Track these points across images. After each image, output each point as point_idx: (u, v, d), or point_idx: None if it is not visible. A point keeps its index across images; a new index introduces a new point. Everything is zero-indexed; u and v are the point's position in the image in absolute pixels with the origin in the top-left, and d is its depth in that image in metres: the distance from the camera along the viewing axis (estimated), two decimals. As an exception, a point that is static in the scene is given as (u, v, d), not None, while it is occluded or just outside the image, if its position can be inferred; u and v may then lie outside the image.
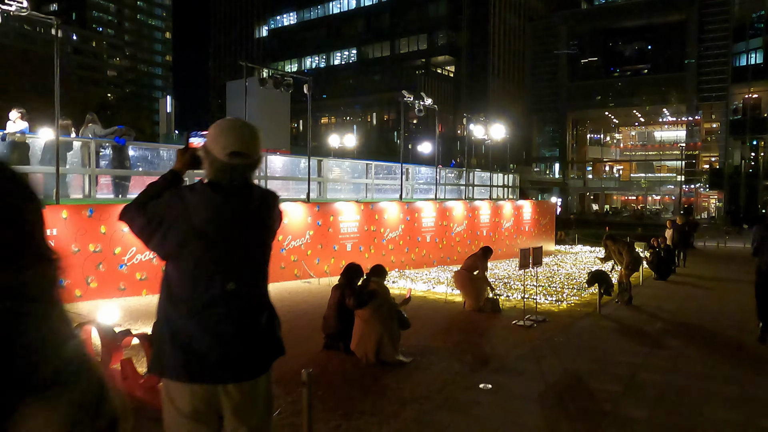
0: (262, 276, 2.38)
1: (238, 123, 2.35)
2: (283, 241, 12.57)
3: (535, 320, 8.69)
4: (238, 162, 2.23)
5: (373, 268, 6.80)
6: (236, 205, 2.24)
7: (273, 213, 2.39)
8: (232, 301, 2.22)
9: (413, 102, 17.13)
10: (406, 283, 12.41)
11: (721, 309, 10.59)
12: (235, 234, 2.24)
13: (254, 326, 2.28)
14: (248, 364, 2.26)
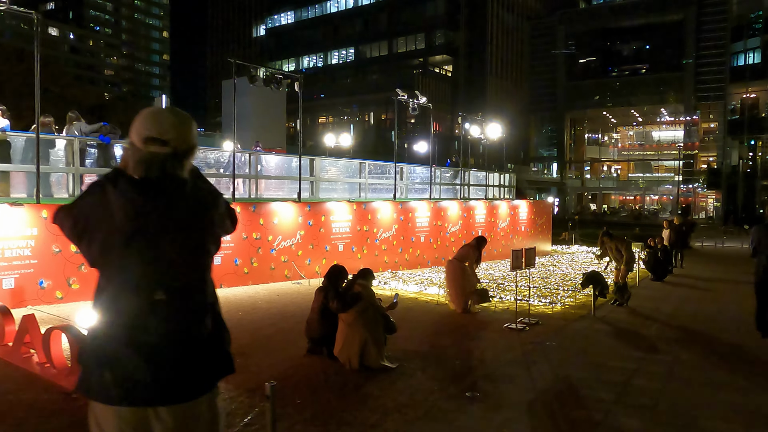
0: (199, 284, 2.08)
1: (161, 108, 2.12)
2: (273, 242, 12.34)
3: (527, 323, 8.47)
4: (155, 150, 1.98)
5: (360, 270, 6.56)
6: (162, 204, 1.98)
7: (212, 214, 2.11)
8: (161, 313, 1.96)
9: (407, 100, 16.89)
10: (398, 285, 12.18)
11: (718, 311, 10.38)
12: (162, 237, 1.97)
13: (190, 341, 2.02)
14: (182, 385, 1.99)
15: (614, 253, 10.74)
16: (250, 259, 11.90)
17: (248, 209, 11.89)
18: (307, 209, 13.17)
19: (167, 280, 1.98)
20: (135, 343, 1.92)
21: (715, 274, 16.76)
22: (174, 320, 1.98)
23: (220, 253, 11.39)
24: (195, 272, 2.06)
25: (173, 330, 1.98)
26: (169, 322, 1.97)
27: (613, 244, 10.77)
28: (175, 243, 1.99)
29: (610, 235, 11.03)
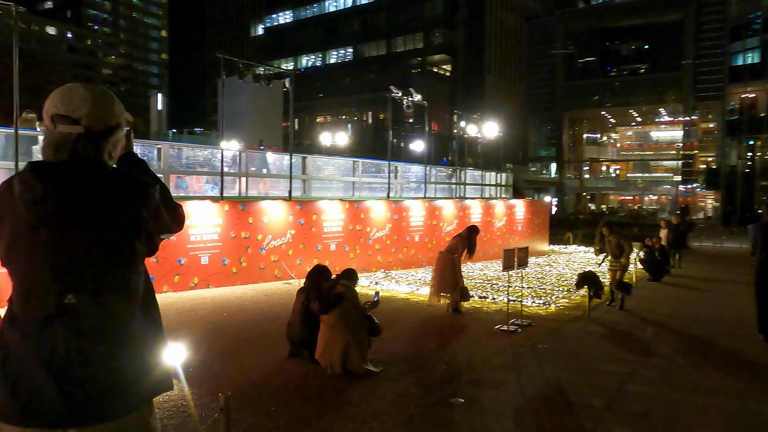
0: (120, 287, 1.80)
1: (75, 83, 1.85)
2: (263, 241, 12.10)
3: (519, 325, 8.23)
4: (63, 129, 1.75)
5: (343, 270, 6.31)
6: (66, 191, 1.72)
7: (138, 207, 1.83)
8: (72, 320, 1.70)
9: (402, 98, 16.66)
10: (390, 285, 11.94)
11: (716, 313, 10.14)
12: (69, 231, 1.72)
13: (107, 353, 1.75)
14: (98, 404, 1.72)
15: (613, 248, 10.14)
16: (239, 258, 11.65)
17: (237, 208, 11.65)
18: (298, 208, 12.92)
19: (78, 281, 1.72)
20: (41, 354, 1.67)
21: (713, 274, 16.54)
22: (87, 328, 1.72)
23: (208, 252, 11.17)
24: (112, 273, 1.78)
25: (86, 339, 1.72)
26: (81, 330, 1.71)
27: (614, 237, 10.18)
28: (85, 238, 1.73)
29: (610, 227, 10.38)
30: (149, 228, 1.87)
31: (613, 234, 10.19)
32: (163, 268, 10.39)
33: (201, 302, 9.57)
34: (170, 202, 1.99)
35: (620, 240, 10.14)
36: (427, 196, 18.20)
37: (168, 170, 11.81)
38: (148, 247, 1.91)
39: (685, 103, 63.42)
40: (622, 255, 10.05)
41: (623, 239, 10.17)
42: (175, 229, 2.03)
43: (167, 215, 1.96)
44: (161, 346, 1.92)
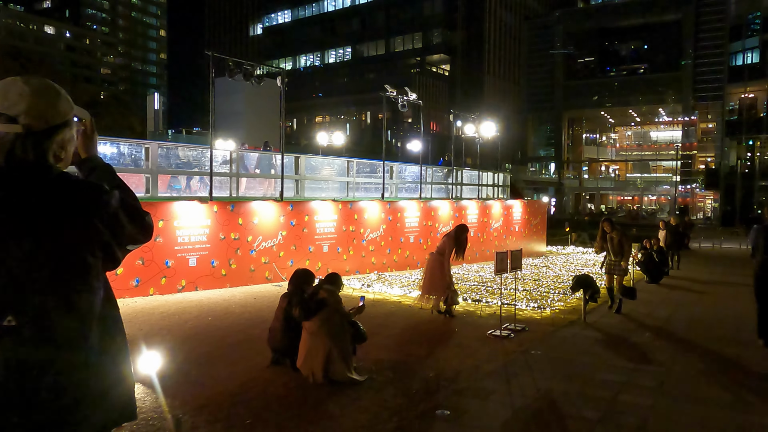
0: (69, 305, 1.57)
1: (13, 78, 1.63)
2: (253, 242, 11.86)
3: (513, 329, 7.99)
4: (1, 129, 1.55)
5: (327, 275, 6.07)
6: (4, 201, 1.51)
7: (90, 215, 1.61)
8: (12, 345, 1.49)
9: (397, 97, 16.43)
10: (382, 287, 11.69)
11: (715, 316, 9.91)
12: (8, 245, 1.51)
13: (56, 382, 1.53)
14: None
15: (615, 245, 9.57)
16: (228, 260, 11.41)
17: (226, 209, 11.41)
18: (290, 209, 12.68)
19: (18, 301, 1.50)
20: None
21: (712, 276, 16.31)
22: (30, 354, 1.50)
23: (196, 254, 10.94)
24: (59, 291, 1.56)
25: (29, 367, 1.50)
26: (23, 356, 1.49)
27: (616, 234, 9.58)
28: (24, 251, 1.52)
29: (612, 223, 9.82)
30: (105, 239, 1.64)
31: (615, 231, 9.67)
32: (150, 271, 10.15)
33: (187, 305, 9.33)
34: (133, 210, 1.76)
35: (622, 238, 9.60)
36: (423, 197, 17.97)
37: (156, 170, 11.58)
38: (107, 259, 1.68)
39: (685, 103, 63.24)
40: (623, 254, 9.53)
41: (625, 238, 9.63)
42: (141, 239, 1.80)
43: (130, 224, 1.73)
44: (123, 371, 1.70)
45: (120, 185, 1.78)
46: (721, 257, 22.66)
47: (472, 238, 18.72)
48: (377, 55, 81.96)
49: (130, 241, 1.75)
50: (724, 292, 13.02)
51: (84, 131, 1.82)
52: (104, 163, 1.84)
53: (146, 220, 1.80)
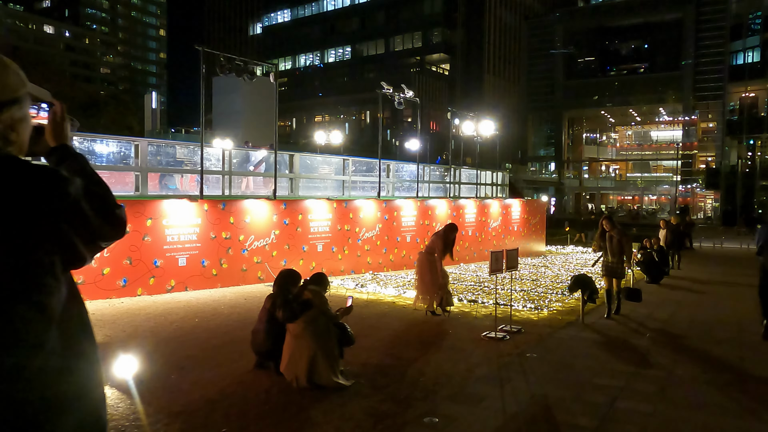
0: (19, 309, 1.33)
1: None
2: (245, 242, 11.62)
3: (508, 331, 7.75)
4: None
5: (313, 275, 5.83)
6: None
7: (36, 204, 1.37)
8: None
9: (393, 94, 16.20)
10: (376, 288, 11.45)
11: (716, 317, 9.66)
12: None
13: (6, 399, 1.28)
14: None
15: (614, 245, 8.95)
16: (219, 260, 11.18)
17: (217, 207, 11.17)
18: (283, 207, 12.44)
19: None
20: None
21: (713, 276, 16.06)
22: None
23: (185, 253, 10.70)
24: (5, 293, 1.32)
25: None
26: None
27: (616, 232, 9.00)
28: None
29: (612, 221, 9.27)
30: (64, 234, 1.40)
31: (615, 229, 9.10)
32: (138, 271, 9.91)
33: (174, 306, 9.09)
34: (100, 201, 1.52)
35: (622, 238, 9.00)
36: (420, 196, 17.74)
37: (146, 168, 11.35)
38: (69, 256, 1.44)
39: (685, 102, 62.95)
40: (622, 255, 8.98)
41: (625, 238, 9.04)
42: (112, 235, 1.54)
43: (95, 217, 1.48)
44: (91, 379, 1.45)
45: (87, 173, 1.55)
46: (722, 257, 22.41)
47: (470, 237, 18.57)
48: (377, 54, 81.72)
49: (98, 237, 1.52)
50: (725, 292, 12.78)
51: (53, 117, 1.61)
52: (75, 152, 1.61)
53: (117, 213, 1.56)
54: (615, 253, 9.01)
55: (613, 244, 9.03)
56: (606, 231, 9.15)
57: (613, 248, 9.03)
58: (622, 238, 8.94)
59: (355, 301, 10.17)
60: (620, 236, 8.96)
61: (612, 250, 9.03)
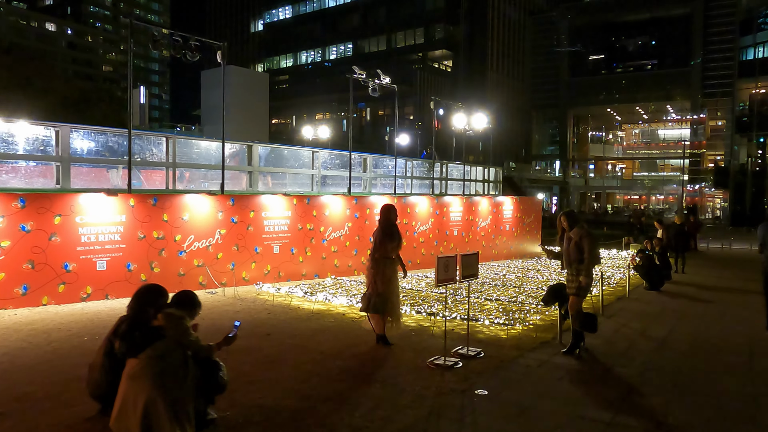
0: None
1: None
2: (182, 242, 10.16)
3: (464, 355, 6.27)
4: None
5: (176, 294, 4.32)
6: None
7: None
8: None
9: (366, 80, 14.71)
10: (325, 296, 9.94)
11: (723, 335, 8.12)
12: None
13: None
14: None
15: (571, 249, 6.66)
16: (150, 263, 9.72)
17: (146, 202, 9.71)
18: (230, 203, 10.97)
19: None
20: None
21: (720, 281, 14.49)
22: None
23: (105, 256, 9.23)
24: None
25: None
26: None
27: (576, 233, 6.65)
28: None
29: (573, 218, 6.86)
30: None
31: (577, 228, 6.71)
32: (43, 276, 8.47)
33: (77, 319, 7.63)
34: None
35: (583, 239, 6.57)
36: (402, 192, 16.26)
37: (68, 158, 9.90)
38: None
39: (693, 99, 61.20)
40: (581, 263, 6.58)
41: (588, 240, 6.57)
42: None
43: None
44: None
45: None
46: (730, 259, 20.79)
47: (456, 237, 17.05)
48: (378, 51, 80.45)
49: None
50: (734, 301, 11.22)
51: None
52: None
53: None
54: (571, 260, 6.69)
55: (570, 247, 6.69)
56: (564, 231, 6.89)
57: (570, 252, 6.69)
58: (582, 239, 6.59)
59: (300, 312, 8.74)
60: (580, 237, 6.63)
61: (568, 254, 6.73)
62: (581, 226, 6.77)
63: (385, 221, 7.06)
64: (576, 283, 6.62)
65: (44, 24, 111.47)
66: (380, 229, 7.02)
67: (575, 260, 6.64)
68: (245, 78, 39.81)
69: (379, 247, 6.89)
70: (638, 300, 10.99)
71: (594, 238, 6.68)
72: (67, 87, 54.32)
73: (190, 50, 10.67)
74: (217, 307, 8.91)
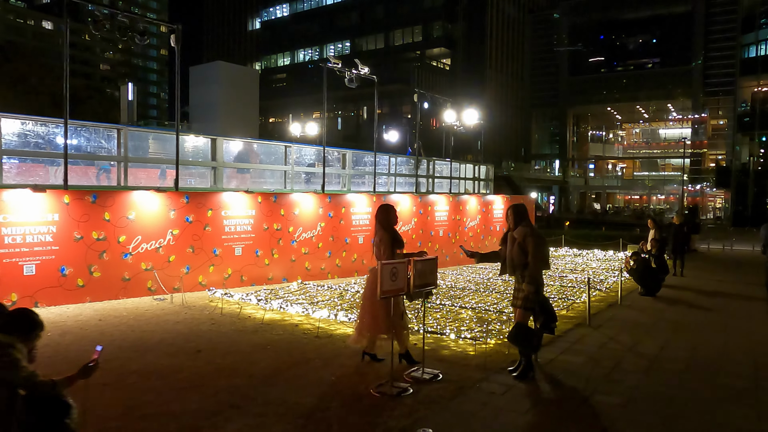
0: None
1: None
2: (127, 244, 9.20)
3: (418, 378, 5.32)
4: None
5: (9, 314, 3.35)
6: None
7: None
8: None
9: (342, 69, 13.77)
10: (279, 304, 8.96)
11: (725, 350, 7.15)
12: None
13: None
14: None
15: (513, 251, 5.55)
16: (88, 267, 8.76)
17: (84, 200, 8.76)
18: (185, 201, 10.02)
19: None
20: None
21: (722, 285, 13.49)
22: None
23: (34, 259, 8.24)
24: None
25: None
26: None
27: (520, 232, 5.55)
28: None
29: (519, 213, 5.69)
30: None
31: (521, 227, 5.58)
32: (-43, 282, 7.53)
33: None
34: None
35: (526, 240, 5.44)
36: (379, 190, 15.31)
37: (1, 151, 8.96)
38: None
39: (695, 98, 60.20)
40: (525, 268, 5.49)
41: (532, 238, 5.43)
42: None
43: None
44: None
45: None
46: (732, 261, 19.80)
47: (441, 238, 16.09)
48: (376, 49, 79.51)
49: None
50: (736, 309, 10.24)
51: None
52: None
53: None
54: (515, 266, 5.58)
55: (513, 248, 5.55)
56: (509, 231, 5.74)
57: (512, 255, 5.55)
58: (526, 240, 5.45)
59: (248, 323, 7.78)
60: (523, 237, 5.49)
61: (511, 258, 5.60)
62: (527, 224, 5.63)
63: (387, 224, 6.03)
64: (522, 293, 5.53)
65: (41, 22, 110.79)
66: (383, 233, 5.97)
67: (519, 265, 5.50)
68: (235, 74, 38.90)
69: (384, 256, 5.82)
70: (631, 307, 10.03)
71: (540, 237, 5.57)
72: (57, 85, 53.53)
73: (138, 33, 9.69)
74: (157, 316, 7.95)
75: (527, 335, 5.56)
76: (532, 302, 5.52)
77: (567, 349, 6.73)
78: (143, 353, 5.98)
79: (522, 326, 5.56)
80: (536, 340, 5.75)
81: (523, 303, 5.53)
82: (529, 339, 5.57)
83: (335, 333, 7.23)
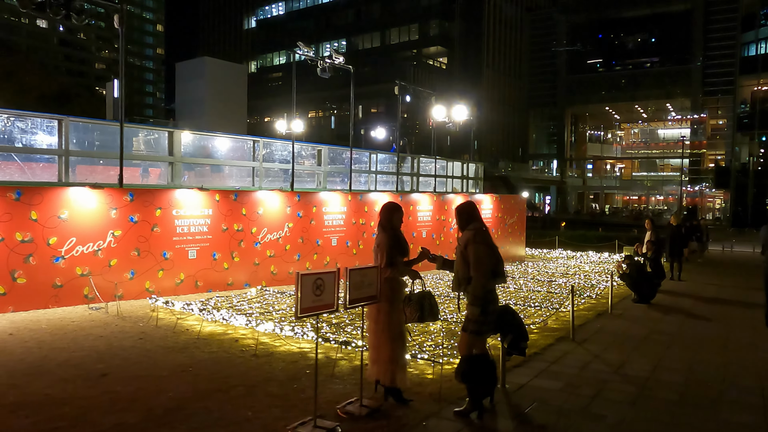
0: None
1: None
2: (58, 246, 8.22)
3: (351, 414, 4.35)
4: None
5: None
6: None
7: None
8: None
9: (315, 59, 12.81)
10: (221, 315, 7.98)
11: (726, 369, 6.18)
12: None
13: None
14: None
15: (457, 261, 4.59)
16: (11, 272, 7.78)
17: (6, 197, 7.78)
18: (128, 199, 9.04)
19: None
20: None
21: (722, 290, 12.55)
22: None
23: (-57, 264, 7.28)
24: None
25: None
26: None
27: (464, 237, 4.59)
28: None
29: (465, 214, 4.73)
30: None
31: (466, 231, 4.61)
32: None
33: None
34: None
35: (468, 246, 4.44)
36: (356, 188, 14.34)
37: None
38: None
39: (694, 97, 59.32)
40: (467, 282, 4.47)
41: (473, 246, 4.42)
42: None
43: None
44: None
45: None
46: (732, 263, 18.86)
47: (424, 239, 15.13)
48: (372, 47, 78.65)
49: None
50: (738, 319, 9.28)
51: None
52: None
53: None
54: (458, 279, 4.57)
55: (457, 258, 4.55)
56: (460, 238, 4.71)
57: (457, 266, 4.56)
58: (467, 248, 4.48)
59: (182, 337, 6.78)
60: (465, 245, 4.52)
61: (456, 269, 4.60)
62: (474, 227, 4.57)
63: (388, 225, 4.90)
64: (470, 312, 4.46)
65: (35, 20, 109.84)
66: (383, 237, 4.83)
67: (463, 279, 4.48)
68: (222, 70, 37.95)
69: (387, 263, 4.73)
70: (622, 317, 9.07)
71: (485, 244, 4.48)
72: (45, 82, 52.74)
73: (75, 12, 8.73)
74: (80, 329, 6.98)
75: (475, 370, 4.49)
76: (479, 326, 4.45)
77: (543, 371, 5.76)
78: (34, 379, 5.02)
79: (469, 360, 4.49)
80: (490, 376, 4.60)
81: (466, 326, 4.49)
82: (477, 375, 4.50)
83: (277, 350, 6.26)
